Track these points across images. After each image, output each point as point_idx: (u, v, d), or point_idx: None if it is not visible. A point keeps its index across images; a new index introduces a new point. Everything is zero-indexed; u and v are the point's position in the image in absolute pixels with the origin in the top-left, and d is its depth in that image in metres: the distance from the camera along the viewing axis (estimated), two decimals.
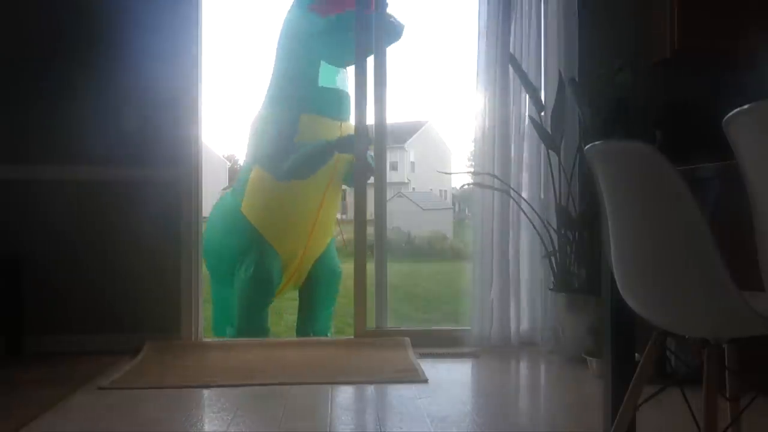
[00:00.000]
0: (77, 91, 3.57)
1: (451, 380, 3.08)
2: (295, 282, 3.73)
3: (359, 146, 3.77)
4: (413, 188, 15.66)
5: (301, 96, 3.58)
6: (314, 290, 3.58)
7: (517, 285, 3.67)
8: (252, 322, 4.04)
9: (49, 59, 3.57)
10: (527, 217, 3.63)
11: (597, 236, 3.15)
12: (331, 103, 3.21)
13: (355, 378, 3.03)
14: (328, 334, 3.85)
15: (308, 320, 3.76)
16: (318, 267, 3.51)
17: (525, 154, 3.70)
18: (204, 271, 3.79)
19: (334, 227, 3.51)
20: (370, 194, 3.83)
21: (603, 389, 2.08)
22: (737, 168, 1.32)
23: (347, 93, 3.44)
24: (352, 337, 3.74)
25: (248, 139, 3.99)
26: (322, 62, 3.46)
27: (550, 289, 3.59)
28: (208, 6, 3.80)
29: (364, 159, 3.70)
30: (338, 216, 4.26)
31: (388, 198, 3.97)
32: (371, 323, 3.79)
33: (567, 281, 3.46)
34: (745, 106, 1.23)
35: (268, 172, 3.77)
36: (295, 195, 3.70)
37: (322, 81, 3.41)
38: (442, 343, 3.67)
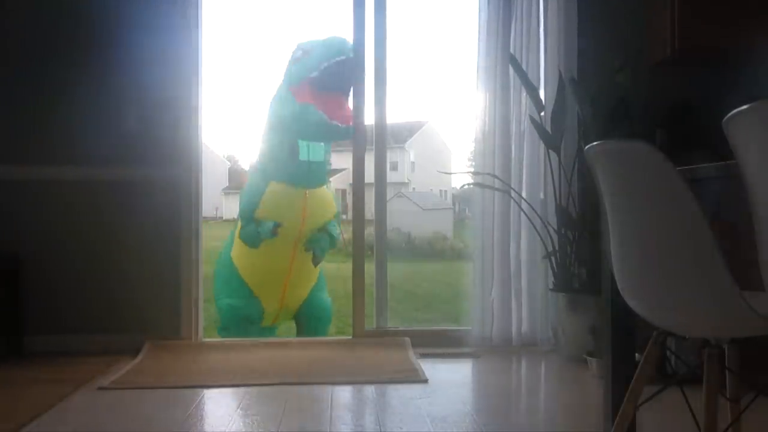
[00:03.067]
0: (77, 91, 3.57)
1: (451, 380, 3.08)
2: (284, 317, 4.03)
3: (358, 146, 3.79)
4: (413, 188, 15.67)
5: (273, 165, 3.93)
6: (305, 323, 3.94)
7: (517, 285, 3.67)
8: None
9: (50, 60, 3.57)
10: (527, 217, 3.63)
11: (597, 236, 3.15)
12: (300, 173, 3.56)
13: (355, 378, 3.03)
14: None
15: None
16: (306, 306, 3.83)
17: (525, 154, 3.70)
18: (204, 271, 3.82)
19: (313, 276, 3.87)
20: (371, 194, 3.83)
21: (603, 389, 2.08)
22: (737, 168, 1.32)
23: (319, 163, 3.75)
24: (352, 337, 3.75)
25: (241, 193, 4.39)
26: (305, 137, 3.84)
27: (550, 289, 3.59)
28: (208, 6, 3.81)
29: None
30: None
31: (388, 198, 3.98)
32: (371, 323, 3.79)
33: (567, 281, 3.46)
34: (745, 106, 1.23)
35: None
36: (267, 254, 4.02)
37: (312, 153, 3.76)
38: (443, 343, 3.67)
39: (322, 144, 3.74)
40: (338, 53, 3.69)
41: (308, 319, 3.89)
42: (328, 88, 3.60)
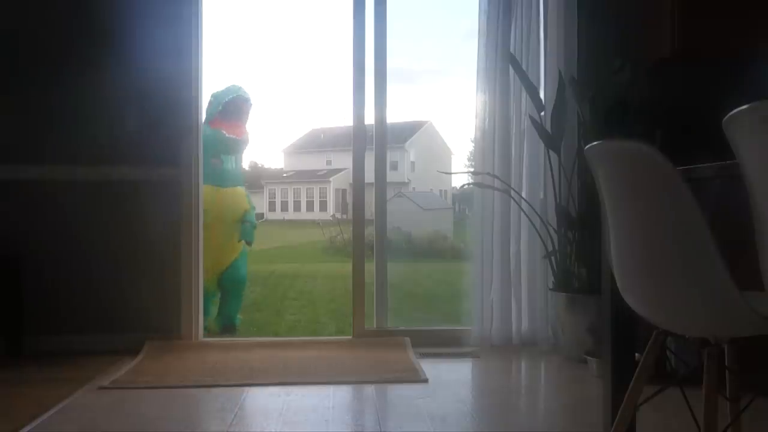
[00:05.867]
0: (77, 91, 3.57)
1: (451, 380, 3.08)
2: (211, 284, 4.80)
3: (358, 146, 3.79)
4: (413, 188, 15.66)
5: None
6: (226, 288, 4.91)
7: (517, 285, 3.67)
8: None
9: (49, 59, 3.57)
10: (527, 216, 3.63)
11: (597, 236, 3.14)
12: (213, 176, 4.66)
13: (355, 378, 3.03)
14: (237, 320, 4.94)
15: (222, 308, 4.94)
16: (226, 276, 4.87)
17: (525, 154, 3.70)
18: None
19: (234, 252, 4.95)
20: (371, 194, 3.83)
21: (603, 389, 2.08)
22: (737, 168, 1.32)
23: (229, 170, 4.97)
24: (352, 337, 3.75)
25: None
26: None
27: (550, 289, 3.59)
28: (208, 5, 3.81)
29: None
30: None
31: (388, 198, 3.98)
32: (371, 323, 3.79)
33: (567, 281, 3.46)
34: (745, 106, 1.23)
35: None
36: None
37: (226, 163, 5.06)
38: (443, 343, 3.67)
39: (231, 156, 5.01)
40: (233, 93, 5.04)
41: (228, 285, 4.87)
42: (229, 118, 4.97)
